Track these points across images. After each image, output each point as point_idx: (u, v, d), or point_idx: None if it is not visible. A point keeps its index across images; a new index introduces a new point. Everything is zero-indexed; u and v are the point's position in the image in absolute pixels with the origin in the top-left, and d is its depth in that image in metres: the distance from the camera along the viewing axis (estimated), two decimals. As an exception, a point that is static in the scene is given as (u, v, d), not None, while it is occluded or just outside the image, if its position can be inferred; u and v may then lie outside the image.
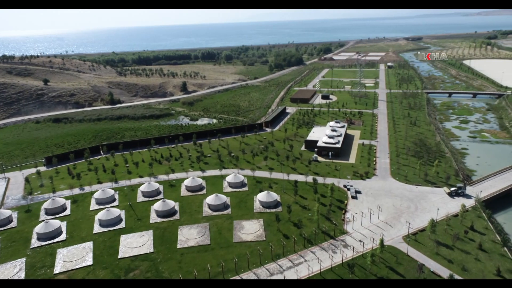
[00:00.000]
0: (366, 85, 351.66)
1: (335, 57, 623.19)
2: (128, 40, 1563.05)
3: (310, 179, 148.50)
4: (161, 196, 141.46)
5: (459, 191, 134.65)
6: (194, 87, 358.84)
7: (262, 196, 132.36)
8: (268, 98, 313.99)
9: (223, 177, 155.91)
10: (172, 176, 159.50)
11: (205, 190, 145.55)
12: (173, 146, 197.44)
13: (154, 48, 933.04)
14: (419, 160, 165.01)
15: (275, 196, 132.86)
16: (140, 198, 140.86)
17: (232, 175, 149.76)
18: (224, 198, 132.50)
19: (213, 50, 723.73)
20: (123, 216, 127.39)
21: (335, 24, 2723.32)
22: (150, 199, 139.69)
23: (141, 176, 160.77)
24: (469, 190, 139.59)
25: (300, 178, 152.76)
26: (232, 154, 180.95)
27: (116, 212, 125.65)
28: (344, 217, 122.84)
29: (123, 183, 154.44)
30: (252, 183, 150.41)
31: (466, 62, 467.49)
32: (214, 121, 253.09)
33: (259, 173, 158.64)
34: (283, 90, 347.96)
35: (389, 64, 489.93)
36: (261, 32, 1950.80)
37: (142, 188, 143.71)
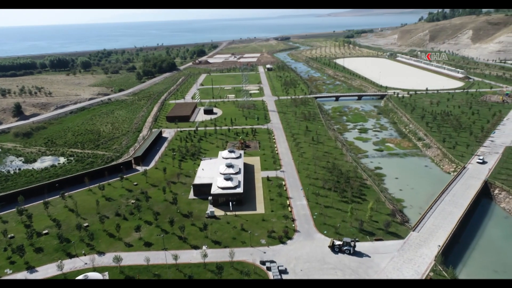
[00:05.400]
0: (251, 92, 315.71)
1: (210, 60, 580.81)
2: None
3: (209, 258, 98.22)
4: None
5: (344, 248, 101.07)
6: (34, 109, 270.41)
7: (135, 322, 76.45)
8: (138, 118, 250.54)
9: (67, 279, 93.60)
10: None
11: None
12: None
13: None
14: (340, 195, 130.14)
15: (158, 316, 78.33)
16: None
17: (82, 278, 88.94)
18: None
19: (66, 56, 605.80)
20: None
21: (204, 25, 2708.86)
22: None
23: None
24: (415, 237, 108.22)
25: (195, 256, 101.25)
26: (86, 225, 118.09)
27: None
28: (275, 336, 76.15)
29: None
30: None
31: (339, 61, 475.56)
32: (62, 160, 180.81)
33: (129, 258, 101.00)
34: (156, 104, 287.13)
35: (268, 66, 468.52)
36: (125, 33, 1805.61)
37: None
